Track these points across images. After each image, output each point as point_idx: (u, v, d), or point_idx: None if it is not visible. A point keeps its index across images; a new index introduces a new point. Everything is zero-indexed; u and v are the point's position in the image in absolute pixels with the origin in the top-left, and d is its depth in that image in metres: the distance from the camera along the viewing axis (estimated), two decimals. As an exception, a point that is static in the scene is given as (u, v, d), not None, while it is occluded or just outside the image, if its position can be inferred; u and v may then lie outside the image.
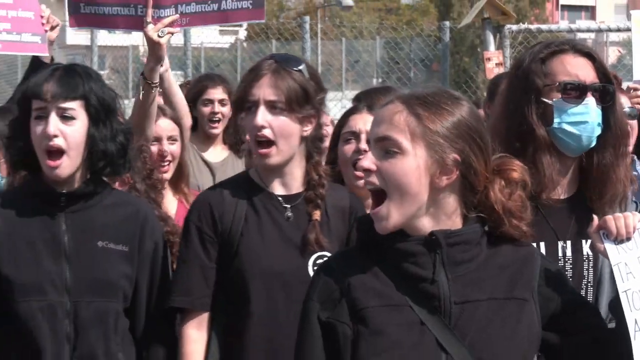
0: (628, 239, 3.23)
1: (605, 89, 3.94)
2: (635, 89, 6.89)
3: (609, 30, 10.12)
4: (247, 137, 4.33)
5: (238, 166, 6.93)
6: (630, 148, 5.87)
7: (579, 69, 3.95)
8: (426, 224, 3.10)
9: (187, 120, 6.42)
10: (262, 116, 4.04)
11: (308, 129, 4.19)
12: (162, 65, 5.65)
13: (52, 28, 6.79)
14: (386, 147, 3.07)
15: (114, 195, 4.28)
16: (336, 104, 18.04)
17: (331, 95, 24.28)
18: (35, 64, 6.52)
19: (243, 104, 4.14)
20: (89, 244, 4.12)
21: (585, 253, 3.85)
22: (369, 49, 28.87)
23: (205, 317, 4.17)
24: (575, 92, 3.89)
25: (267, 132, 4.05)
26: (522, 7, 46.38)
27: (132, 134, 4.39)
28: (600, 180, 3.93)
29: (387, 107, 3.13)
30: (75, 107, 4.05)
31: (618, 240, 3.23)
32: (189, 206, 4.68)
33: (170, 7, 5.83)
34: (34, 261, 4.07)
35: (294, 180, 4.21)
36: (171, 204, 5.83)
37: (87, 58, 18.45)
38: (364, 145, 4.63)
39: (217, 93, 6.99)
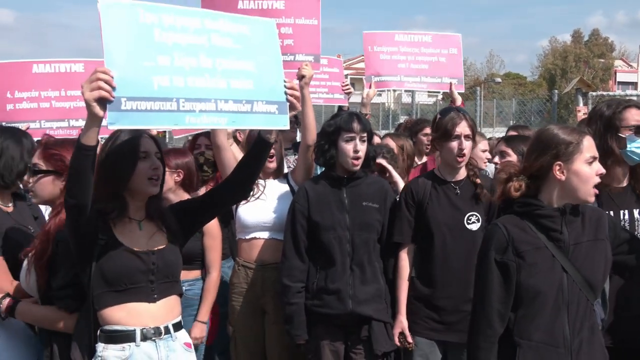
0: None
1: None
2: None
3: (645, 95, 9.55)
4: (448, 153, 4.06)
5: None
6: None
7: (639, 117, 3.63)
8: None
9: None
10: (465, 143, 3.96)
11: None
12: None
13: (349, 91, 6.75)
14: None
15: (370, 177, 4.20)
16: (489, 135, 17.76)
17: (488, 130, 23.72)
18: (339, 110, 6.49)
19: (450, 136, 3.97)
20: (358, 203, 4.07)
21: (636, 217, 3.52)
22: (509, 105, 28.23)
23: (410, 247, 4.05)
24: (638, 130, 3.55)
25: (466, 152, 3.97)
26: (596, 82, 46.90)
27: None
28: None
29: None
30: (366, 135, 4.08)
31: None
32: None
33: None
34: (330, 213, 4.05)
35: (462, 172, 4.04)
36: None
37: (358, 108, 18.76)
38: None
39: (428, 129, 6.66)
